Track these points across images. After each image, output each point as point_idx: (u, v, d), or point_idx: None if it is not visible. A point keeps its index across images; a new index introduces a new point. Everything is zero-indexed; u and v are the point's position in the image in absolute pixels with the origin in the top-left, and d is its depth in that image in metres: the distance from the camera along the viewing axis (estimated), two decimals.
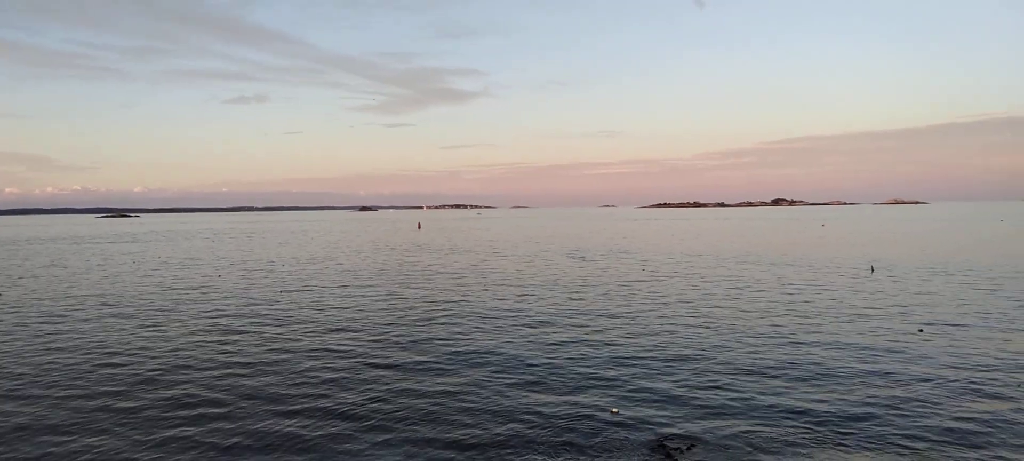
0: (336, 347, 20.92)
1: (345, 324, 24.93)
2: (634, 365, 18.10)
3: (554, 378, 16.92)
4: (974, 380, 16.12)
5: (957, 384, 15.83)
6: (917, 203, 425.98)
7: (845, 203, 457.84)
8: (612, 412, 14.19)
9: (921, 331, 21.99)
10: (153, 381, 17.20)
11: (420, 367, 18.33)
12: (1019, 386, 15.49)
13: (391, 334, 22.87)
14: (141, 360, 19.49)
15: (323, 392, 16.03)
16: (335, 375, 17.55)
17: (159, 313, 28.09)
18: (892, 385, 15.86)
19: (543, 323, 24.50)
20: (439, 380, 16.94)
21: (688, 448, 12.21)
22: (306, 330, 23.84)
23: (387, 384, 16.67)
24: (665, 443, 12.48)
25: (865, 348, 19.73)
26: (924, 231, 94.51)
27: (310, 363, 18.88)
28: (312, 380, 17.12)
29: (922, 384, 15.90)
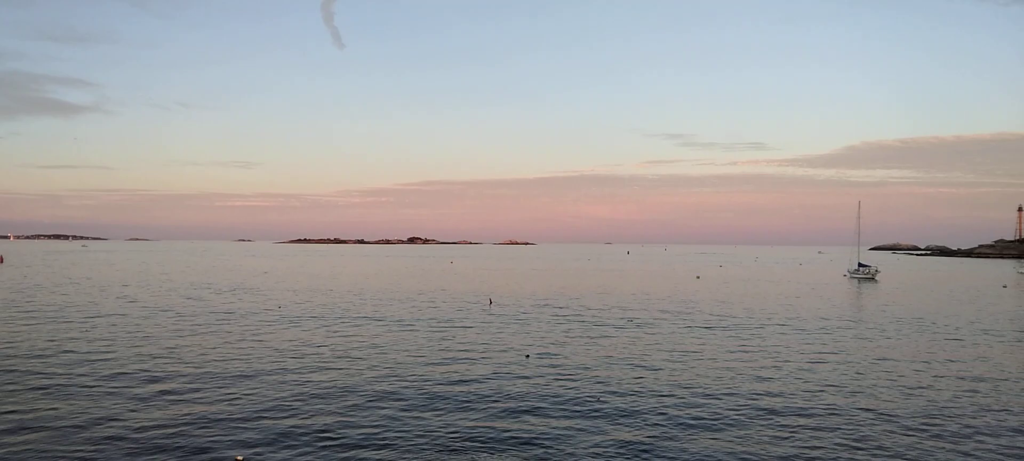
0: None
1: None
2: (270, 407, 17.21)
3: (160, 429, 15.18)
4: (569, 398, 18.93)
5: (557, 400, 18.42)
6: (527, 244, 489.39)
7: (470, 242, 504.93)
8: (237, 460, 13.30)
9: (528, 357, 25.11)
10: None
11: None
12: (600, 400, 18.62)
13: None
14: None
15: None
16: None
17: None
18: (505, 403, 17.77)
19: (151, 373, 21.92)
20: None
21: None
22: None
23: None
24: None
25: (484, 372, 21.79)
26: (531, 269, 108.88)
27: None
28: None
29: (529, 403, 18.11)
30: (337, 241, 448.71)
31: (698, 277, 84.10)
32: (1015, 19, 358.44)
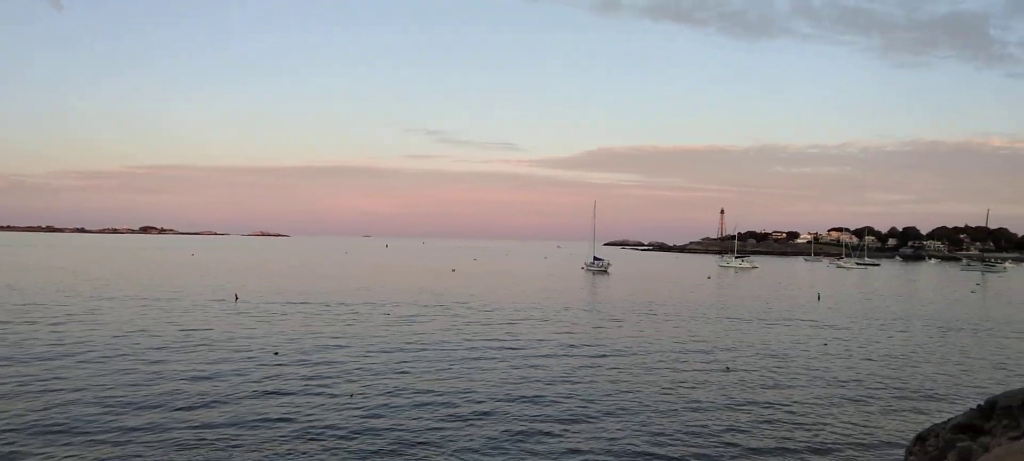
0: None
1: None
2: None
3: None
4: (319, 396, 18.28)
5: (307, 398, 17.67)
6: (281, 235, 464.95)
7: (216, 233, 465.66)
8: None
9: (277, 354, 23.82)
10: None
11: None
12: (352, 397, 18.21)
13: None
14: None
15: None
16: None
17: None
18: (250, 402, 16.65)
19: None
20: None
21: None
22: None
23: None
24: None
25: (227, 370, 20.20)
26: (284, 263, 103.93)
27: None
28: None
29: (277, 401, 17.16)
30: (50, 229, 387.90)
31: (454, 270, 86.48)
32: (719, 48, 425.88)
